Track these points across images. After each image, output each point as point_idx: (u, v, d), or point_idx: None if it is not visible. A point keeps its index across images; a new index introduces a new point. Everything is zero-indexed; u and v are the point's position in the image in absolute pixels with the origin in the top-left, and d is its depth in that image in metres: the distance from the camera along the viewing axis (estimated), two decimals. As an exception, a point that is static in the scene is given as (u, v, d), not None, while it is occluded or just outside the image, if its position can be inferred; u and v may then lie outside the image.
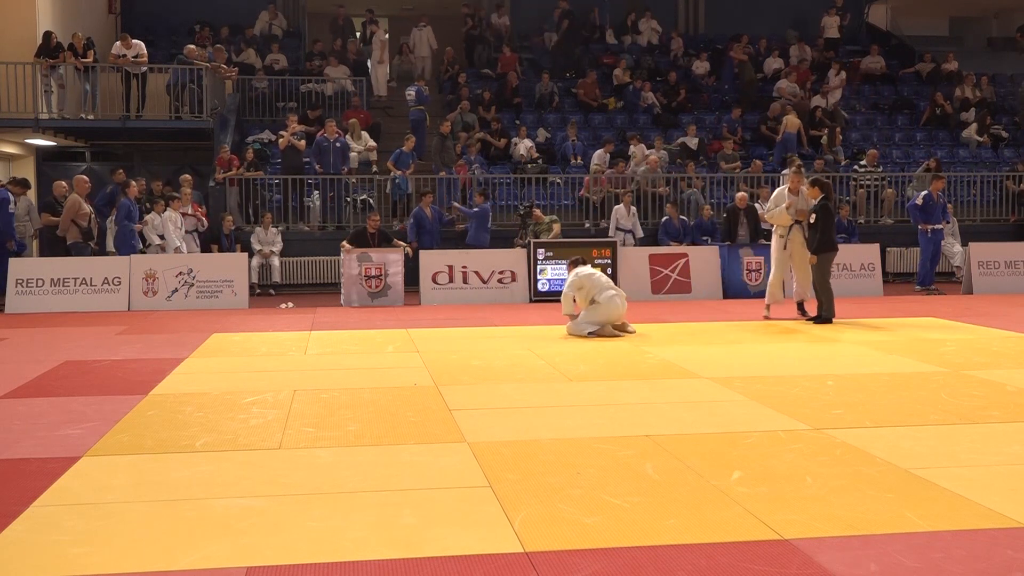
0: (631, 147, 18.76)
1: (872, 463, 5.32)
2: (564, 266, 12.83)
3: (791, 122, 19.73)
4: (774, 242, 12.33)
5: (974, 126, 21.08)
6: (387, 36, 23.25)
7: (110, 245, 15.55)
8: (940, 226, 15.88)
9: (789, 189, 12.08)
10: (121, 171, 16.67)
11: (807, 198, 11.98)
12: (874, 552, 4.00)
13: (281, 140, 17.38)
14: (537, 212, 16.11)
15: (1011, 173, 19.29)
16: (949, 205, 17.22)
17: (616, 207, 16.86)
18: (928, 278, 15.88)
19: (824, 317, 11.75)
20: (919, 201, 15.74)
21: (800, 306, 12.39)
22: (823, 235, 11.68)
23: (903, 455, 5.47)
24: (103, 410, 6.89)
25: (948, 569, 3.83)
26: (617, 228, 16.64)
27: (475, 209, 16.22)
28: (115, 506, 4.69)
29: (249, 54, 20.57)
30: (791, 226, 12.02)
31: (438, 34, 23.00)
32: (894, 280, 17.45)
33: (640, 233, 16.75)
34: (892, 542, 4.11)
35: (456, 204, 16.85)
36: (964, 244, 16.44)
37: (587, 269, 11.15)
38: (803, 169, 12.73)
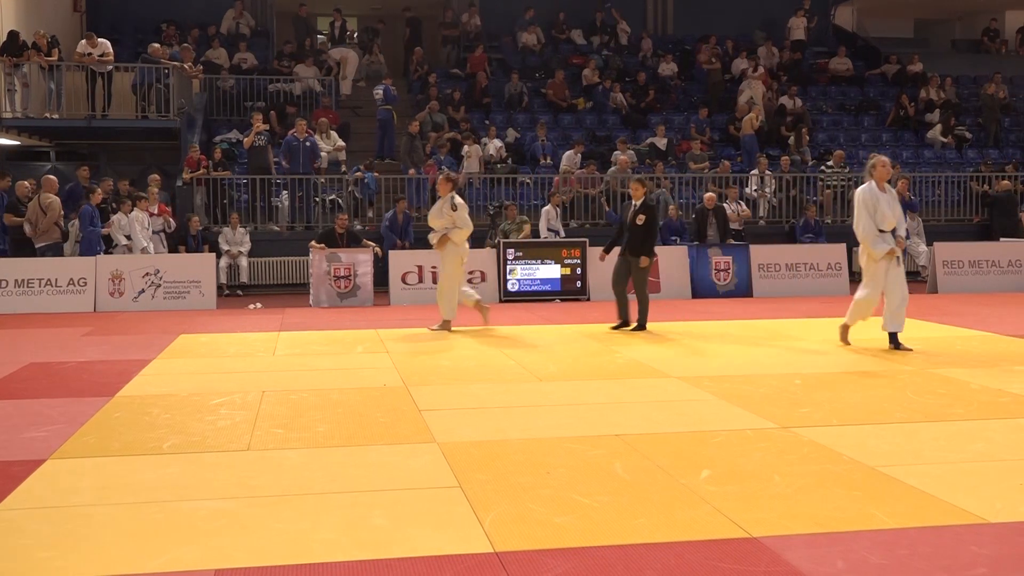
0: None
1: (839, 461, 5.37)
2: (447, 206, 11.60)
3: (748, 123, 19.86)
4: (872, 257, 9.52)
5: (939, 127, 21.33)
6: (356, 35, 23.19)
7: (68, 247, 15.32)
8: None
9: (878, 185, 9.24)
10: (85, 168, 16.44)
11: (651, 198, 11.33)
12: (841, 549, 4.04)
13: (246, 140, 17.29)
14: (512, 209, 16.11)
15: (975, 174, 19.53)
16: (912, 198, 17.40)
17: (545, 208, 16.80)
18: None
19: (641, 324, 11.08)
20: None
21: (894, 338, 9.54)
22: (652, 238, 11.20)
23: (869, 453, 5.52)
24: (69, 412, 6.82)
25: (914, 565, 3.87)
26: (548, 228, 16.59)
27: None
28: (81, 509, 4.64)
29: (219, 53, 20.43)
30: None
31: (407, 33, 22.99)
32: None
33: (563, 233, 16.71)
34: (859, 539, 4.15)
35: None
36: (929, 244, 16.62)
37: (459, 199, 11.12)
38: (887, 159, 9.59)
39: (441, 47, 23.13)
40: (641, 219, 10.99)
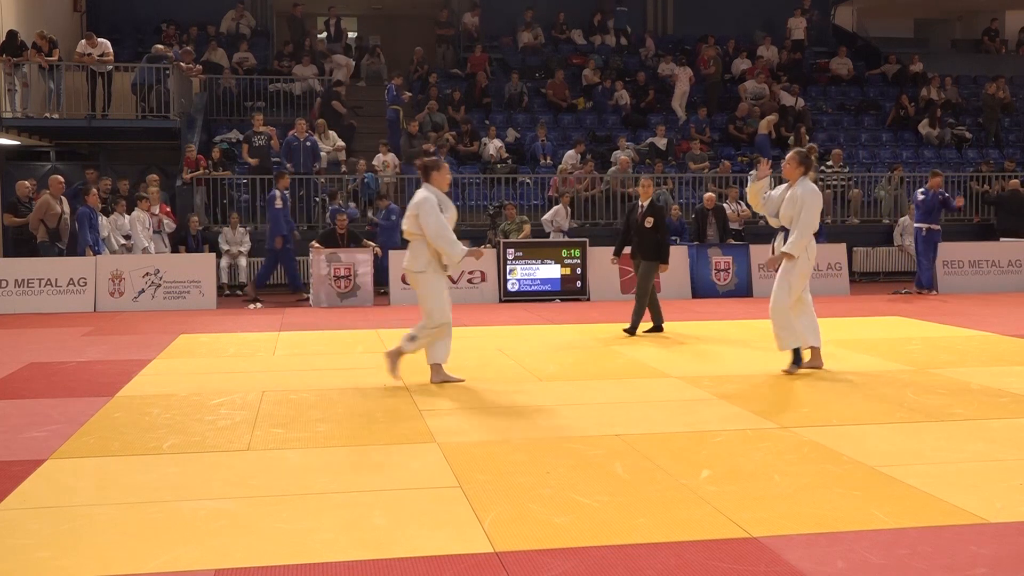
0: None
1: (839, 461, 5.37)
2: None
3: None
4: None
5: (925, 121, 21.29)
6: (355, 35, 23.20)
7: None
8: (937, 226, 15.23)
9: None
10: (92, 171, 16.45)
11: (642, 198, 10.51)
12: (841, 549, 4.04)
13: (244, 148, 17.36)
14: (511, 208, 16.11)
15: (975, 174, 19.52)
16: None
17: (556, 207, 16.79)
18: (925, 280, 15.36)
19: (633, 328, 10.65)
20: (920, 197, 15.15)
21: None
22: (666, 242, 10.75)
23: (869, 453, 5.52)
24: (68, 412, 6.82)
25: (914, 565, 3.87)
26: (557, 228, 16.58)
27: (393, 218, 15.64)
28: (81, 509, 4.64)
29: (218, 53, 20.42)
30: None
31: (409, 33, 22.95)
32: (860, 280, 17.60)
33: (566, 228, 16.75)
34: (859, 539, 4.15)
35: (371, 215, 16.75)
36: (929, 244, 16.61)
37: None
38: None
39: (436, 47, 23.09)
40: (650, 221, 10.60)
